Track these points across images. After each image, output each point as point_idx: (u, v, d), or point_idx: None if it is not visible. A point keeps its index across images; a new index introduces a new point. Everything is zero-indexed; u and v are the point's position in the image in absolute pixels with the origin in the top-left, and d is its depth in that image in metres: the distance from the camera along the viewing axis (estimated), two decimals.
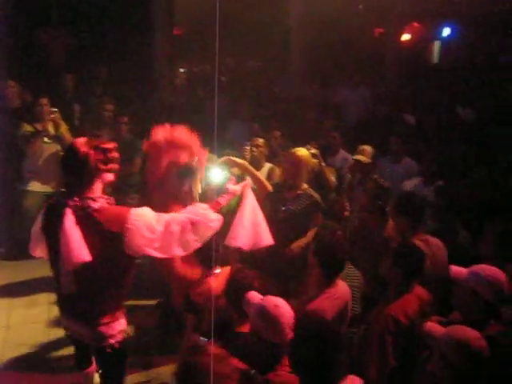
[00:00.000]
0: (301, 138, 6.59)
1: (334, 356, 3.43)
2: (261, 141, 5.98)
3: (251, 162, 4.83)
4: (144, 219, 3.12)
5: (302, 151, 5.00)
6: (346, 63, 9.89)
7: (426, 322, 3.23)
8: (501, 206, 5.39)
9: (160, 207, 3.38)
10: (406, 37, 14.43)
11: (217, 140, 3.12)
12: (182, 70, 10.04)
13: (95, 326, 3.23)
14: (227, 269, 3.90)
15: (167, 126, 3.77)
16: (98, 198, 3.19)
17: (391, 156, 6.67)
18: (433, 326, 3.11)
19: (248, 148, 5.87)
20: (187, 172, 3.74)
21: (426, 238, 4.46)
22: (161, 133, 3.75)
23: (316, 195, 4.97)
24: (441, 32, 15.17)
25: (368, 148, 6.19)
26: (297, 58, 10.51)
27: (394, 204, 4.73)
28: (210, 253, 3.50)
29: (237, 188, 3.78)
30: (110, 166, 3.28)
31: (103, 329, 3.23)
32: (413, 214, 4.54)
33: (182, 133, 3.76)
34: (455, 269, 3.54)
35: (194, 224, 3.24)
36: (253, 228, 3.77)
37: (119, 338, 3.30)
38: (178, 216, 3.26)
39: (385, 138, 6.81)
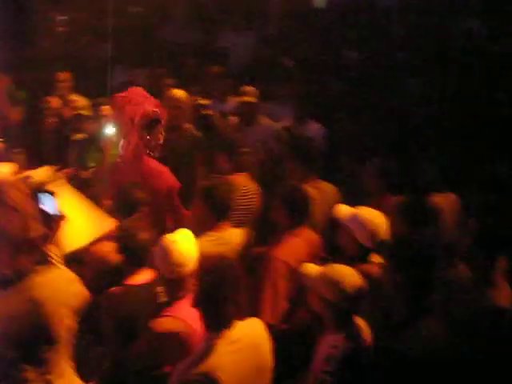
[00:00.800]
0: (187, 84, 6.63)
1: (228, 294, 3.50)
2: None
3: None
4: None
5: (180, 92, 5.12)
6: (228, 7, 9.85)
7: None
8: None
9: None
10: None
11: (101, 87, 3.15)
12: (61, 18, 9.65)
13: None
14: None
15: None
16: None
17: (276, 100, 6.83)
18: (309, 266, 3.26)
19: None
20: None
21: (318, 185, 4.60)
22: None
23: (198, 134, 5.11)
24: None
25: (251, 89, 6.29)
26: (180, 3, 10.34)
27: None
28: None
29: None
30: None
31: None
32: (303, 159, 4.66)
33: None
34: (339, 209, 3.74)
35: None
36: None
37: None
38: None
39: (269, 83, 6.98)
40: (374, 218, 3.58)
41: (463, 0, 10.08)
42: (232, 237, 3.95)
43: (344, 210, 3.70)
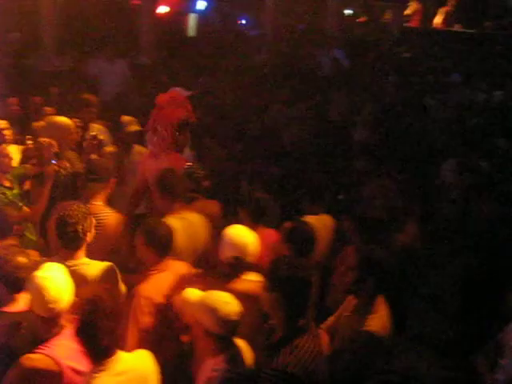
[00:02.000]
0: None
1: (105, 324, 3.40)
2: None
3: None
4: None
5: (61, 118, 5.09)
6: (100, 35, 9.76)
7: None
8: None
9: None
10: (162, 9, 14.60)
11: None
12: None
13: None
14: None
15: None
16: None
17: None
18: (188, 293, 3.24)
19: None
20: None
21: (184, 215, 4.47)
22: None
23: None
24: (195, 5, 15.64)
25: (129, 119, 6.22)
26: (50, 30, 10.08)
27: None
28: None
29: None
30: None
31: None
32: (167, 190, 4.50)
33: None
34: None
35: None
36: None
37: None
38: None
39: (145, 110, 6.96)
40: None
41: None
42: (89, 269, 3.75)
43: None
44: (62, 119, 5.43)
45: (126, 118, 6.22)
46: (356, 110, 8.21)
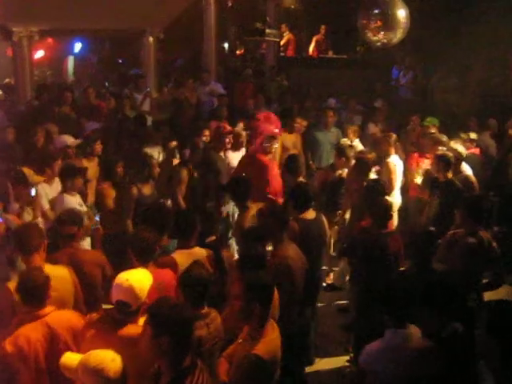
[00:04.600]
0: None
1: None
2: None
3: None
4: None
5: None
6: None
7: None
8: None
9: None
10: (38, 54, 14.34)
11: None
12: None
13: None
14: None
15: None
16: None
17: None
18: (67, 358, 3.19)
19: None
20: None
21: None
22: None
23: None
24: (73, 48, 15.54)
25: None
26: None
27: None
28: None
29: None
30: None
31: None
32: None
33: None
34: None
35: None
36: None
37: None
38: None
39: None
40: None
41: None
42: None
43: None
44: None
45: None
46: None
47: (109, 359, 2.99)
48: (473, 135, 8.57)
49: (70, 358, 3.15)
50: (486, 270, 5.40)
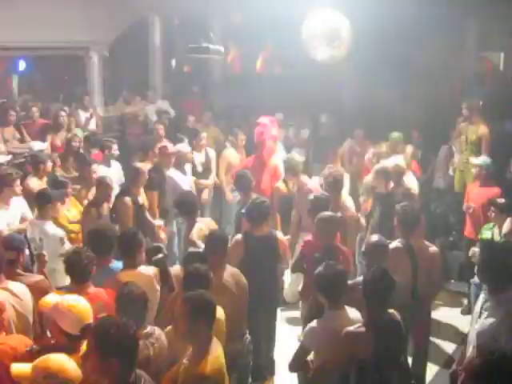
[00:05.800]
0: None
1: None
2: None
3: None
4: None
5: None
6: None
7: None
8: None
9: None
10: None
11: None
12: None
13: None
14: None
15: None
16: None
17: None
18: (16, 368, 3.21)
19: None
20: None
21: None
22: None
23: None
24: (18, 66, 15.26)
25: None
26: None
27: None
28: None
29: None
30: None
31: None
32: None
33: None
34: (43, 301, 3.92)
35: None
36: None
37: None
38: None
39: None
40: (76, 304, 3.65)
41: None
42: None
43: (47, 301, 3.76)
44: None
45: None
46: None
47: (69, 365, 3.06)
48: (409, 148, 8.86)
49: (22, 368, 3.15)
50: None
